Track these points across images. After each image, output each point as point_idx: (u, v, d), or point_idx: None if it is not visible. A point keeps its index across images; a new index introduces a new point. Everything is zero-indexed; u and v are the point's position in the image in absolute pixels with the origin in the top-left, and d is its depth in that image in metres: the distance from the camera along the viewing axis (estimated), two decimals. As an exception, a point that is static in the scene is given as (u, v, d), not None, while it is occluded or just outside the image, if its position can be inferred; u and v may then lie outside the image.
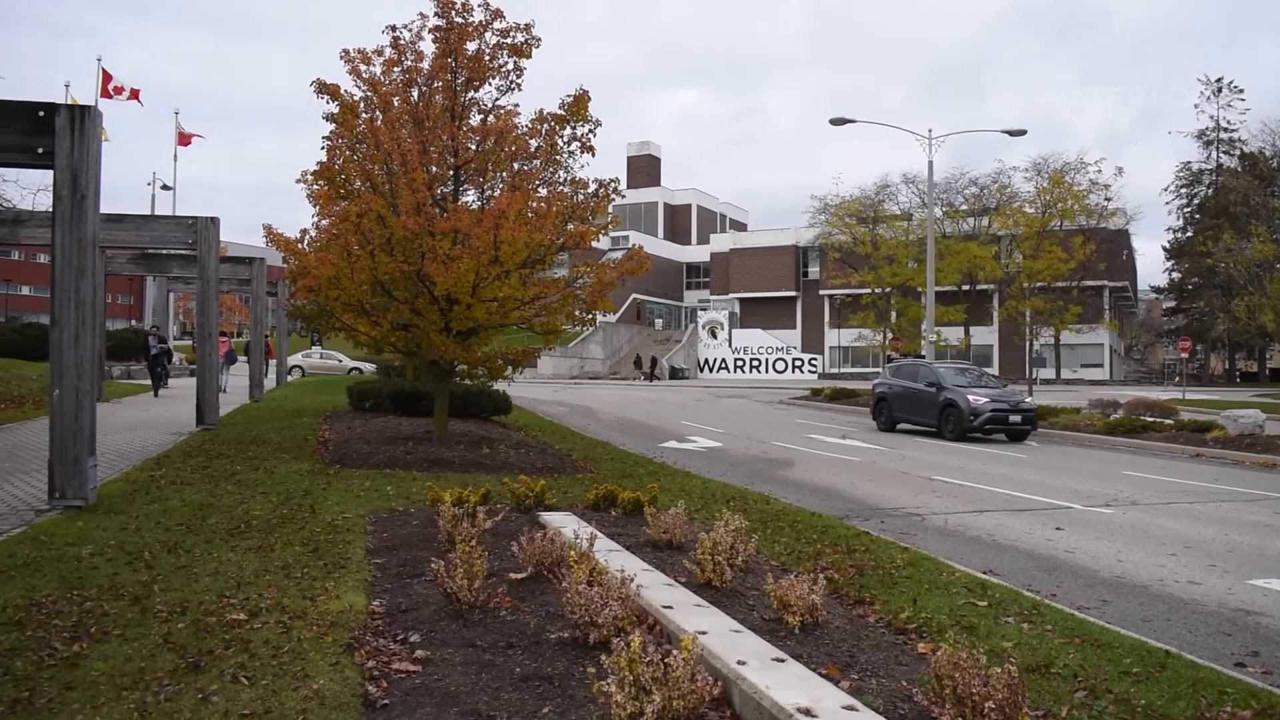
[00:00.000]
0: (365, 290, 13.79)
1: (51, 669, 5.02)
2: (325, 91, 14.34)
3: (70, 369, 9.57)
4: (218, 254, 19.43)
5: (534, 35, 14.53)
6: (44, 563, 7.28)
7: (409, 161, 13.08)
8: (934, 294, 34.74)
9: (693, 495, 11.37)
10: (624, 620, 5.43)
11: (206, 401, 18.62)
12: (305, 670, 5.03)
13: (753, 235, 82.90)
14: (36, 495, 10.51)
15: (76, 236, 9.54)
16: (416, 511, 9.67)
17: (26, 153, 9.62)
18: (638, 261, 13.95)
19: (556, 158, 14.33)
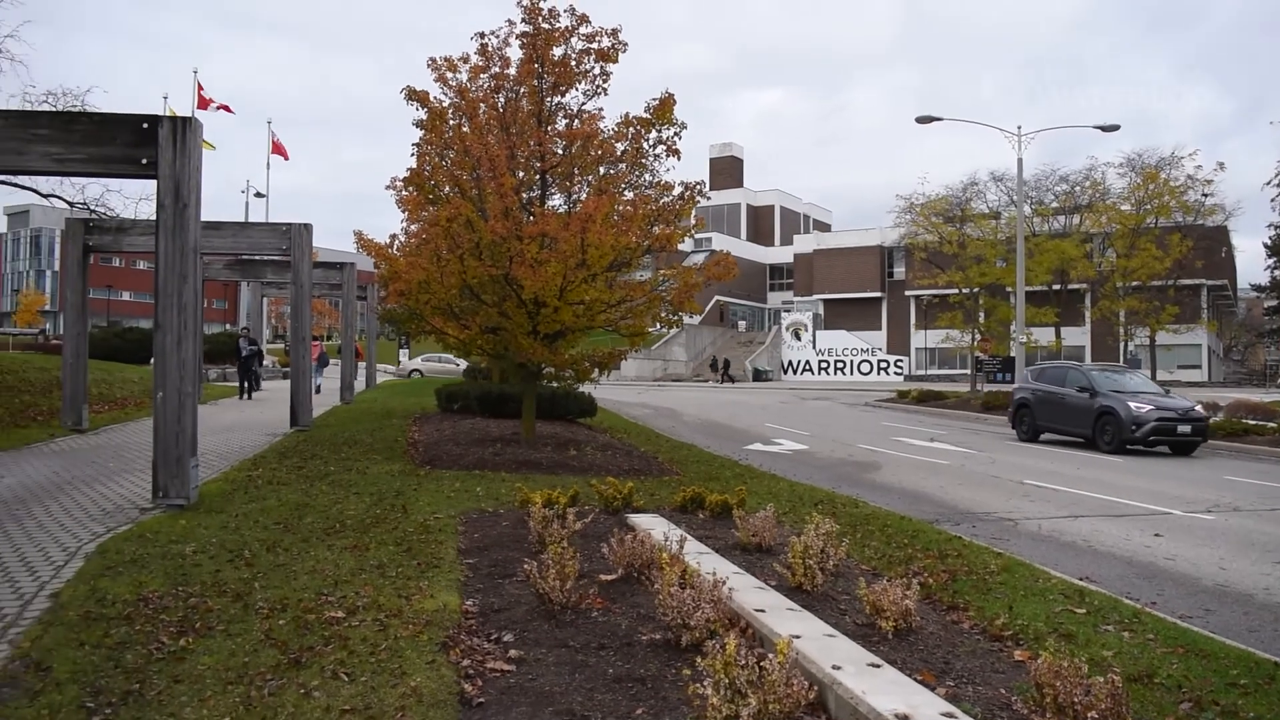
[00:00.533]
0: (454, 294, 14.00)
1: (160, 662, 5.18)
2: (415, 98, 14.58)
3: (173, 372, 9.88)
4: (310, 259, 19.88)
5: (620, 40, 14.58)
6: (150, 559, 7.52)
7: (497, 166, 13.23)
8: (1024, 294, 34.01)
9: (780, 498, 11.31)
10: (716, 623, 5.43)
11: (300, 404, 19.05)
12: (402, 668, 5.13)
13: (837, 236, 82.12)
14: (141, 494, 10.87)
15: (179, 244, 9.85)
16: (506, 512, 9.78)
17: (131, 164, 9.96)
18: (725, 267, 13.91)
19: (642, 161, 14.38)
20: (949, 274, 47.02)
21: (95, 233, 18.94)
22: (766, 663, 4.19)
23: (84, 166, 10.08)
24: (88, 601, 6.30)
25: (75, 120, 10.11)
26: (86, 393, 18.56)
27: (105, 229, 19.26)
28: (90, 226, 18.95)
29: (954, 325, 46.30)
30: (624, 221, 13.48)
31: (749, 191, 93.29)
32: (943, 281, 49.18)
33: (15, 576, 7.10)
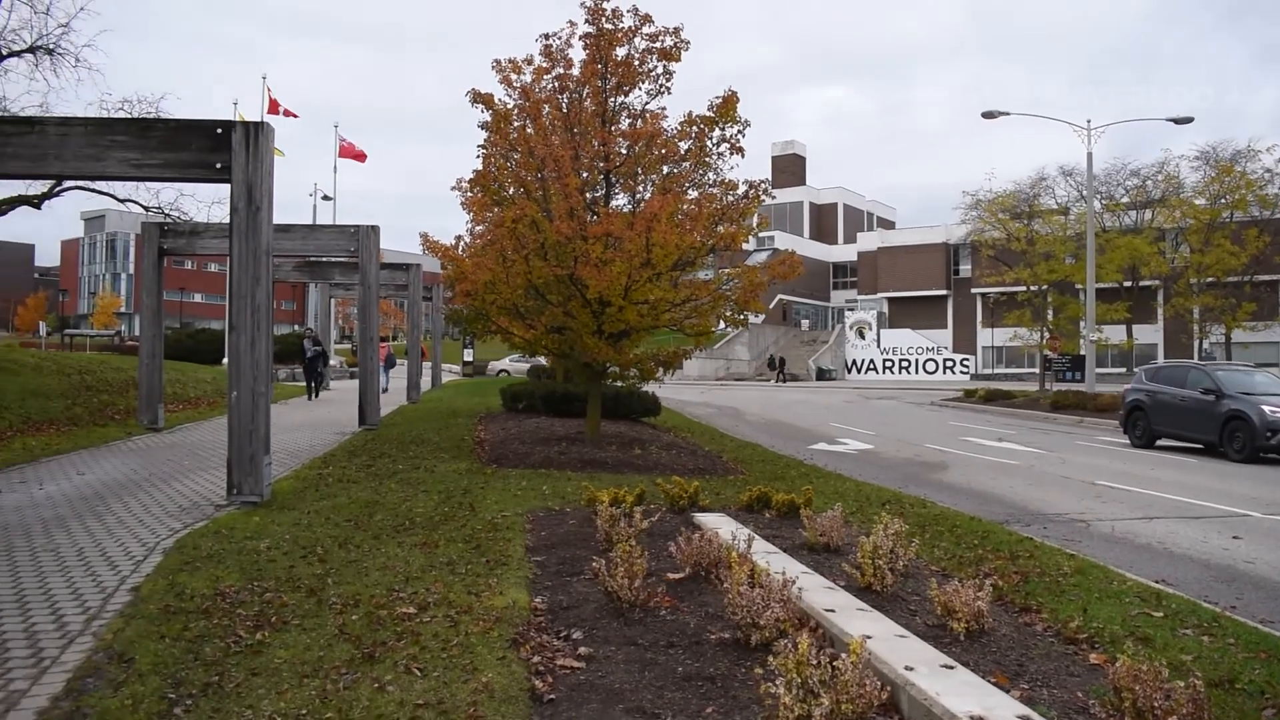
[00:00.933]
0: (520, 294, 14.11)
1: (237, 655, 5.29)
2: (480, 101, 14.72)
3: (247, 372, 10.08)
4: (378, 261, 20.14)
5: (682, 38, 14.59)
6: (226, 555, 7.68)
7: (561, 167, 13.31)
8: (1094, 291, 33.38)
9: (846, 498, 11.22)
10: (786, 622, 5.40)
11: (368, 403, 19.32)
12: (474, 663, 5.18)
13: (901, 233, 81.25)
14: (216, 491, 11.10)
15: (252, 246, 10.04)
16: (572, 511, 9.83)
17: (206, 168, 10.18)
18: (790, 266, 13.85)
19: (706, 160, 14.37)
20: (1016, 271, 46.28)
21: (170, 236, 19.38)
22: (840, 662, 4.16)
23: (160, 172, 10.33)
24: (167, 595, 6.45)
25: (151, 127, 10.35)
26: (162, 392, 19.00)
27: (179, 232, 19.71)
28: (165, 230, 19.40)
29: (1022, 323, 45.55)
30: (688, 220, 13.47)
31: (811, 189, 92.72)
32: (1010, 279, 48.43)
33: (97, 570, 7.30)
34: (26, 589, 6.76)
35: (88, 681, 4.92)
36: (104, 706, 4.54)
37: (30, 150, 10.10)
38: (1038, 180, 50.65)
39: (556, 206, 13.49)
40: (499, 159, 14.78)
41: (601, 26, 14.47)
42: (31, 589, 6.77)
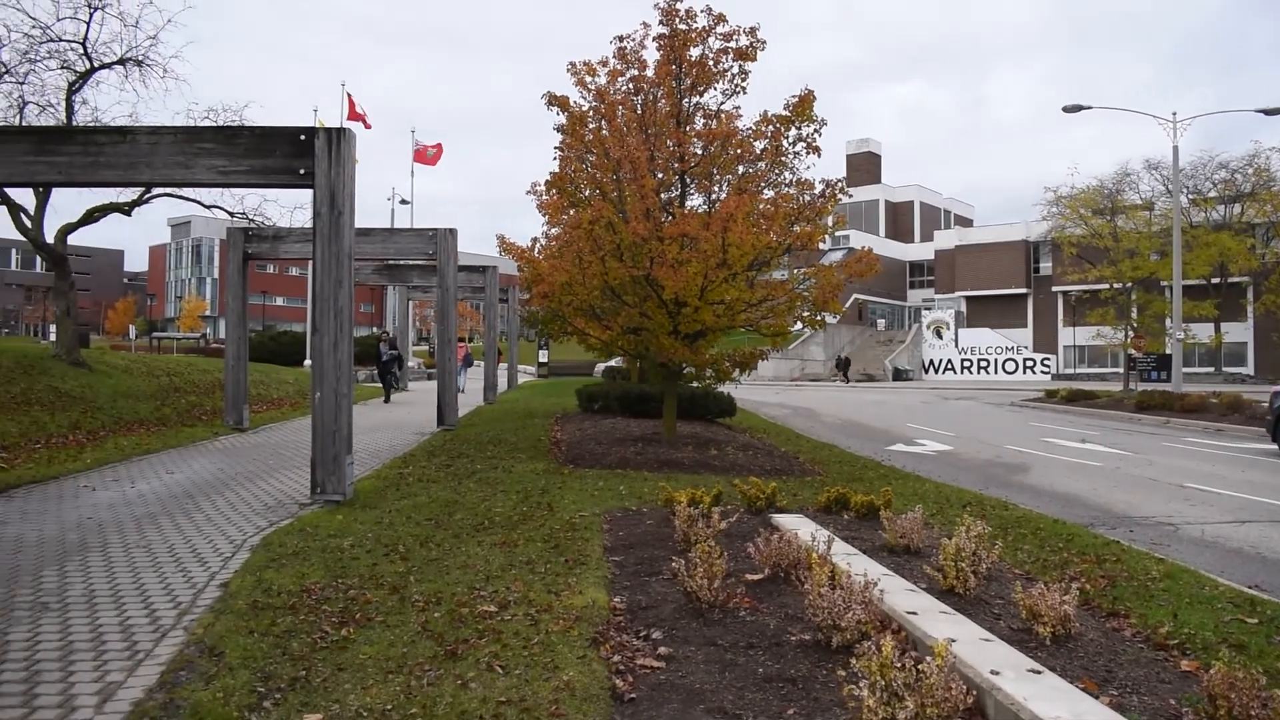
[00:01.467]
0: (596, 295, 14.17)
1: (324, 651, 5.39)
2: (555, 104, 14.81)
3: (330, 373, 10.27)
4: (455, 263, 20.37)
5: (758, 37, 14.53)
6: (310, 552, 7.83)
7: (637, 168, 13.33)
8: (1180, 288, 32.52)
9: (926, 499, 11.07)
10: (867, 625, 5.35)
11: (446, 404, 19.55)
12: (555, 662, 5.21)
13: (979, 231, 79.91)
14: (299, 490, 11.33)
15: (334, 250, 10.23)
16: (649, 511, 9.84)
17: (290, 174, 10.39)
18: (867, 264, 13.70)
19: (782, 159, 14.29)
20: (1099, 268, 45.25)
21: (254, 241, 19.83)
22: (925, 665, 4.10)
23: (246, 178, 10.56)
24: (254, 591, 6.59)
25: (238, 134, 10.60)
26: (247, 393, 19.45)
27: (263, 237, 20.15)
28: (249, 235, 19.85)
29: (1105, 322, 44.56)
30: (764, 220, 13.41)
31: (887, 188, 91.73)
32: (1093, 276, 47.36)
33: (187, 567, 7.49)
34: (121, 584, 6.97)
35: (180, 674, 5.05)
36: (196, 699, 4.66)
37: (123, 159, 10.41)
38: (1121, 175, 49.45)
39: (632, 207, 13.52)
40: (575, 161, 14.86)
41: (675, 27, 14.48)
42: (126, 584, 6.98)
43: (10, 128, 16.26)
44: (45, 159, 10.50)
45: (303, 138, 10.29)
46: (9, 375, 17.05)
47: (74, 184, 11.09)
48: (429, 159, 51.11)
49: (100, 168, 10.47)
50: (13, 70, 19.81)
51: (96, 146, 10.48)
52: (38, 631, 5.82)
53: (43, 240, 20.36)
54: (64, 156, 10.49)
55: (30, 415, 15.42)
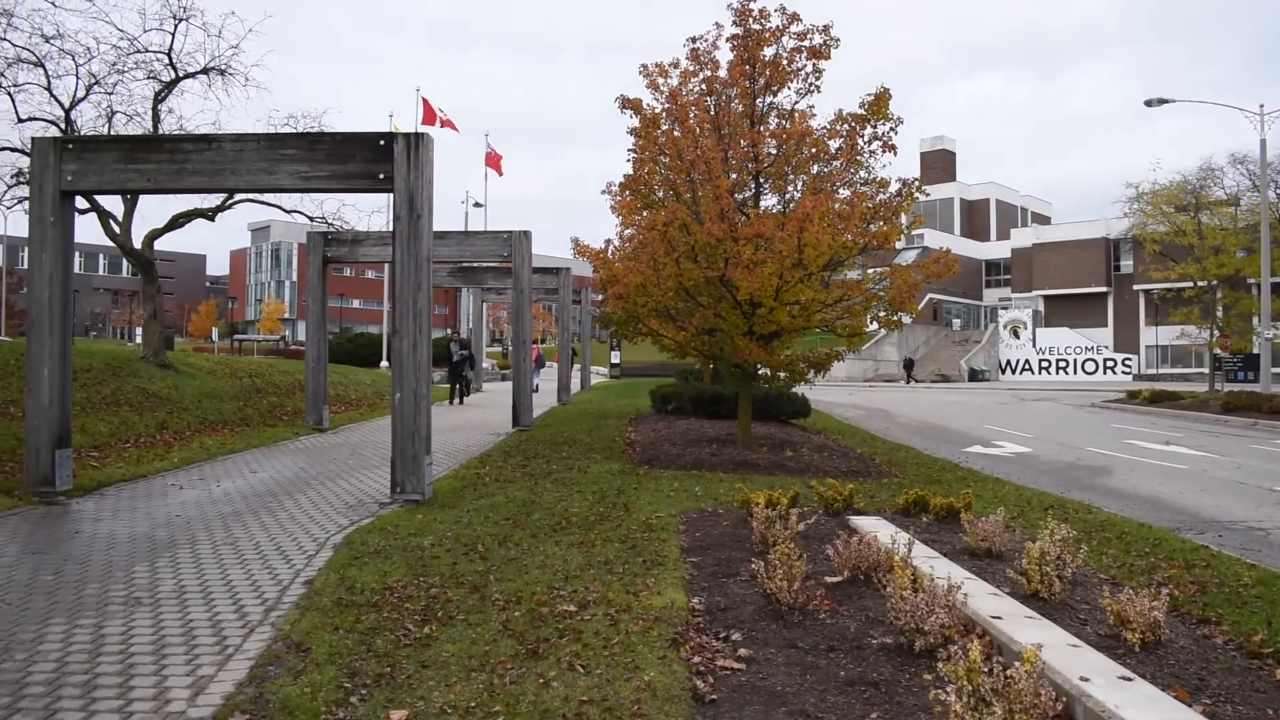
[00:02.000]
0: (671, 296, 14.18)
1: (407, 648, 5.46)
2: (629, 106, 14.85)
3: (409, 374, 10.41)
4: (530, 265, 20.52)
5: (832, 35, 14.41)
6: (392, 551, 7.95)
7: (712, 169, 13.31)
8: (1269, 285, 31.55)
9: (1006, 502, 10.89)
10: (951, 629, 5.28)
11: (521, 404, 19.70)
12: (635, 662, 5.22)
13: (1057, 228, 78.34)
14: (379, 489, 11.51)
15: (414, 253, 10.37)
16: (725, 512, 9.82)
17: (369, 178, 10.57)
18: (945, 264, 13.50)
19: (857, 158, 14.14)
20: (1183, 266, 44.02)
21: (333, 245, 20.21)
22: (1013, 671, 4.03)
23: (327, 183, 10.75)
24: (338, 589, 6.71)
25: (319, 140, 10.80)
26: (326, 394, 19.80)
27: (342, 241, 20.52)
28: (328, 239, 20.23)
29: (1189, 321, 43.37)
30: (840, 220, 13.29)
31: (962, 185, 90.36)
32: (1176, 274, 46.07)
33: (273, 564, 7.65)
34: (209, 580, 7.15)
35: (269, 669, 5.16)
36: (285, 693, 4.75)
37: (209, 166, 10.68)
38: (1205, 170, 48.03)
39: (706, 208, 13.50)
40: (648, 162, 14.88)
41: (749, 27, 14.42)
42: (214, 580, 7.15)
43: (102, 136, 16.78)
44: (135, 167, 10.81)
45: (382, 143, 10.45)
46: (99, 377, 17.56)
47: (162, 191, 11.38)
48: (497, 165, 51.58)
49: (187, 174, 10.75)
50: (102, 81, 20.42)
51: (183, 154, 10.76)
52: (131, 625, 5.99)
53: (131, 246, 20.96)
54: (152, 164, 10.79)
55: (119, 415, 15.87)
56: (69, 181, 10.84)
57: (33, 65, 19.60)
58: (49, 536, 8.80)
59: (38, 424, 10.70)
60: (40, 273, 10.77)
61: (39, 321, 10.76)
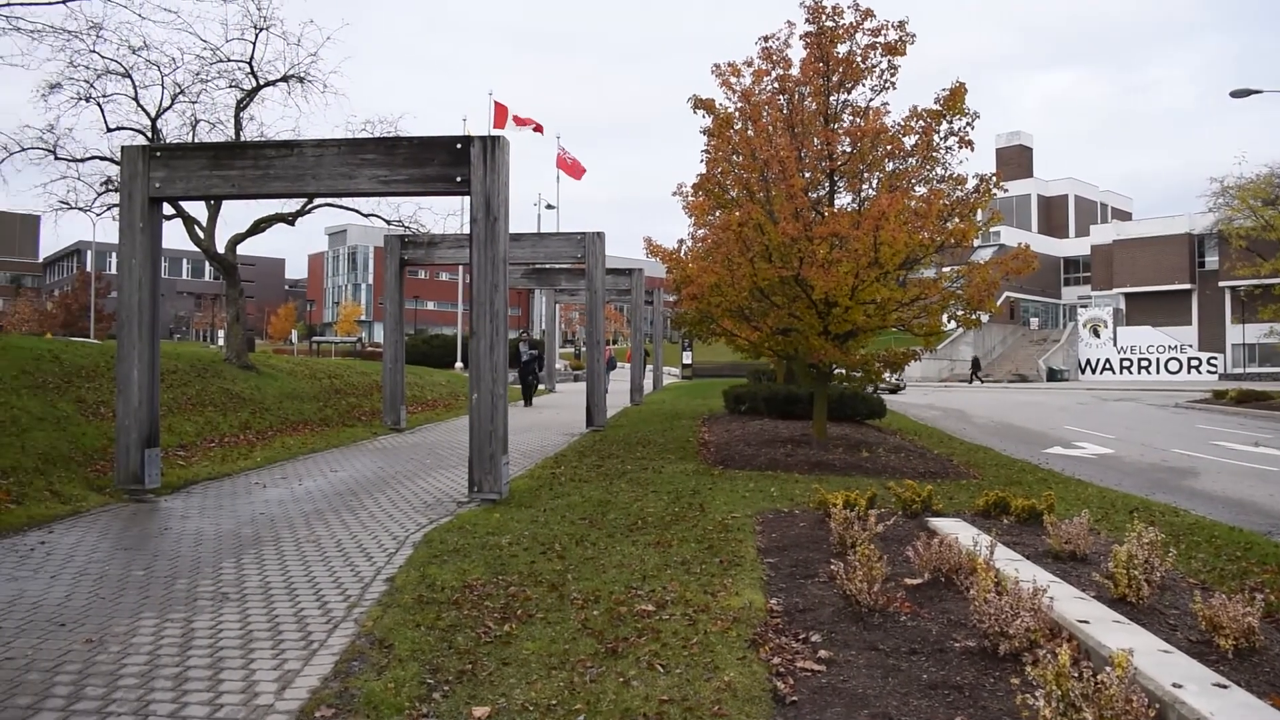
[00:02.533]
0: (745, 296, 14.12)
1: (488, 645, 5.52)
2: (701, 107, 14.83)
3: (486, 375, 10.52)
4: (604, 266, 20.60)
5: (907, 31, 14.23)
6: (470, 549, 8.03)
7: (786, 168, 13.23)
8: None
9: (1089, 504, 10.66)
10: (1036, 633, 5.18)
11: (595, 405, 19.79)
12: (714, 662, 5.21)
13: (1138, 224, 76.44)
14: (456, 489, 11.64)
15: (490, 255, 10.47)
16: (801, 513, 9.75)
17: (447, 181, 10.70)
18: (1024, 261, 13.25)
19: (933, 155, 13.94)
20: (1272, 261, 42.73)
21: (409, 248, 20.50)
22: (1104, 676, 3.94)
23: (405, 186, 10.90)
24: (419, 586, 6.80)
25: (397, 145, 10.95)
26: (403, 395, 20.07)
27: (418, 244, 20.80)
28: (405, 242, 20.52)
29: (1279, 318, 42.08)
30: (917, 218, 13.11)
31: (1039, 181, 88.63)
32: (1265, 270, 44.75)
33: (354, 561, 7.79)
34: (293, 576, 7.30)
35: (353, 664, 5.25)
36: (369, 689, 4.83)
37: (290, 171, 10.90)
38: (1295, 162, 46.55)
39: (781, 208, 13.43)
40: (721, 162, 14.84)
41: (822, 24, 14.30)
42: (298, 576, 7.29)
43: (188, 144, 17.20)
44: (219, 173, 11.08)
45: (459, 146, 10.58)
46: (185, 378, 18.01)
47: (246, 196, 11.65)
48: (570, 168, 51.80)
49: (270, 180, 10.98)
50: (186, 90, 20.97)
51: (266, 160, 11.00)
52: (220, 620, 6.14)
53: (215, 250, 21.46)
54: (236, 170, 11.05)
55: (204, 415, 16.25)
56: (157, 188, 11.15)
57: (120, 76, 20.19)
58: (139, 533, 9.05)
59: (128, 424, 11.01)
60: (130, 277, 11.09)
61: (128, 325, 11.07)
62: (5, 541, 8.41)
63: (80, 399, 14.17)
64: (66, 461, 11.69)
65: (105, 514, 9.96)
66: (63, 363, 15.64)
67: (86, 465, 11.86)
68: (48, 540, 8.54)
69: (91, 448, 12.45)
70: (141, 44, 20.19)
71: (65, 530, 9.04)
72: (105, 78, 20.08)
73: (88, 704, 4.75)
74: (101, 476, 11.58)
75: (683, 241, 16.51)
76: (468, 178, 10.51)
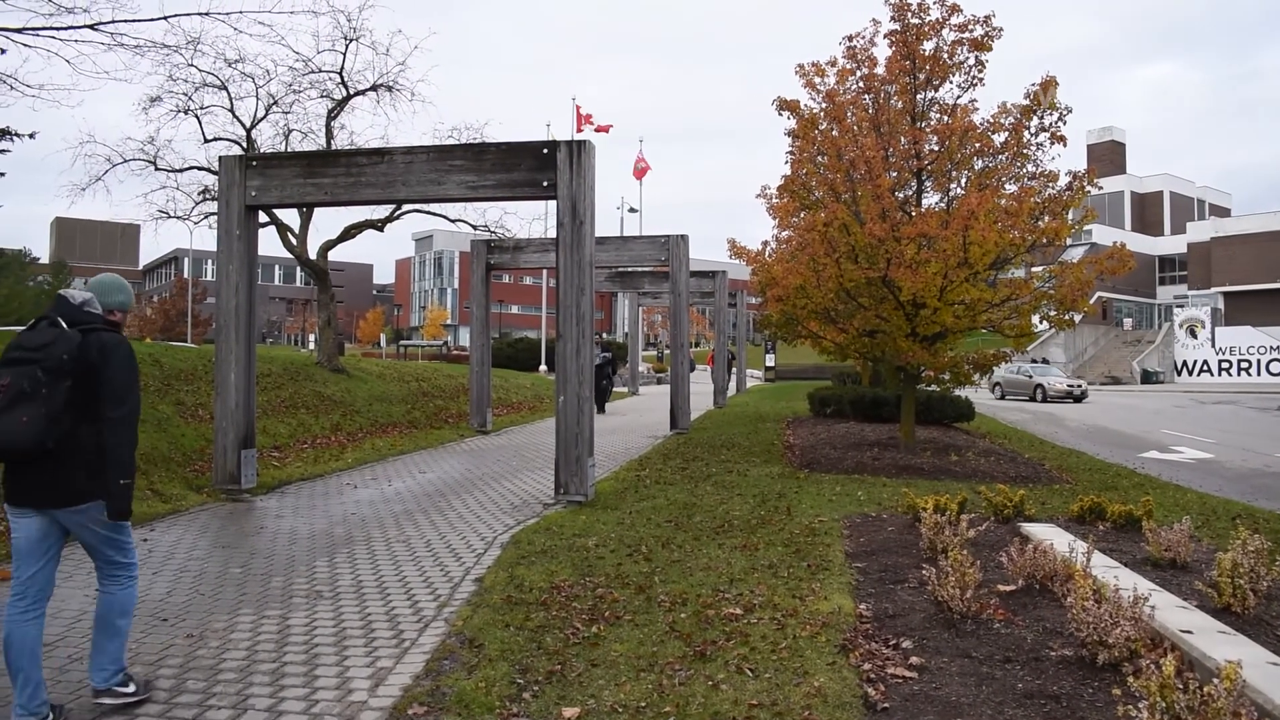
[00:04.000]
0: (831, 298, 13.99)
1: (576, 646, 5.54)
2: (785, 108, 14.74)
3: (572, 378, 10.58)
4: (688, 269, 20.59)
5: (994, 26, 13.98)
6: (557, 551, 8.08)
7: (872, 168, 13.09)
8: None
9: (1189, 510, 10.33)
10: (1137, 642, 5.04)
11: (679, 407, 19.78)
12: (804, 667, 5.17)
13: (1239, 221, 73.96)
14: (542, 490, 11.73)
15: (576, 258, 10.53)
16: (890, 517, 9.63)
17: (533, 186, 10.80)
18: (1120, 260, 12.89)
19: (1024, 151, 13.66)
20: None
21: (495, 252, 20.73)
22: (1211, 688, 3.82)
23: (493, 192, 11.02)
24: (508, 587, 6.86)
25: (485, 151, 11.08)
26: (490, 398, 20.30)
27: (504, 248, 21.03)
28: (491, 247, 20.75)
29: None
30: (1007, 216, 12.85)
31: (1133, 178, 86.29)
32: (1375, 268, 43.05)
33: (444, 561, 7.89)
34: (385, 575, 7.42)
35: (444, 663, 5.32)
36: (460, 687, 4.88)
37: (381, 178, 11.10)
38: None
39: (867, 208, 13.28)
40: (806, 163, 14.73)
41: (907, 22, 14.12)
42: (389, 575, 7.42)
43: (282, 153, 17.63)
44: (313, 181, 11.33)
45: (545, 151, 10.66)
46: (279, 381, 18.44)
47: (338, 203, 11.88)
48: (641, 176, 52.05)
49: (361, 187, 11.20)
50: (280, 101, 21.49)
51: (358, 168, 11.22)
52: (314, 618, 6.27)
53: (307, 256, 21.95)
54: (329, 178, 11.28)
55: (297, 418, 16.62)
56: (253, 196, 11.44)
57: (217, 89, 20.79)
58: (236, 532, 9.29)
59: (225, 426, 11.31)
60: (227, 283, 11.39)
61: (226, 329, 11.37)
62: (110, 539, 8.70)
63: (179, 401, 14.59)
64: (167, 462, 12.05)
65: (204, 513, 10.24)
66: (163, 366, 16.12)
67: (185, 465, 12.21)
68: (149, 538, 8.81)
69: (190, 449, 12.81)
70: (237, 57, 20.83)
71: (166, 528, 9.31)
72: (203, 90, 20.71)
73: (189, 697, 4.89)
74: (200, 476, 11.92)
75: (767, 243, 16.44)
76: (554, 182, 10.59)
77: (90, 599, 5.90)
